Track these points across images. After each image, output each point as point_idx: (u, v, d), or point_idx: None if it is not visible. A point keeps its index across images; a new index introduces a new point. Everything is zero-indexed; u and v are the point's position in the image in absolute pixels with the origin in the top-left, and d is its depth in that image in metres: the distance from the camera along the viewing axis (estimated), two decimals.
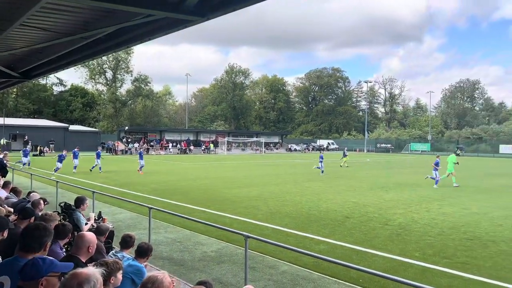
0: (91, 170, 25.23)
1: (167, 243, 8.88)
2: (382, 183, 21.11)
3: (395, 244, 8.88)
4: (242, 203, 14.04)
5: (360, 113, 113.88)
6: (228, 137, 66.91)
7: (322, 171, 26.05)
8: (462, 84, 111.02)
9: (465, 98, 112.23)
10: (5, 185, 9.05)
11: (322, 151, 34.99)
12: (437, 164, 20.80)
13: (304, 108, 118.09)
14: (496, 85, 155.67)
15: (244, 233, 5.70)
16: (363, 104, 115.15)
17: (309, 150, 75.63)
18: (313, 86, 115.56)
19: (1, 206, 5.81)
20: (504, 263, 7.56)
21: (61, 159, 24.02)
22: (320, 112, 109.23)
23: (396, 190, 18.32)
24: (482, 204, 14.65)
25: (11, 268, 2.86)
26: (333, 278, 6.66)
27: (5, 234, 4.03)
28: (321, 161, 26.31)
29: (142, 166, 25.38)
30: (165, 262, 7.52)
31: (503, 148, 69.78)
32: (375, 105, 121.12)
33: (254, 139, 70.80)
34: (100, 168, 25.38)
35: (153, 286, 2.74)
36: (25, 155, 27.44)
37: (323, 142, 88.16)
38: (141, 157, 26.09)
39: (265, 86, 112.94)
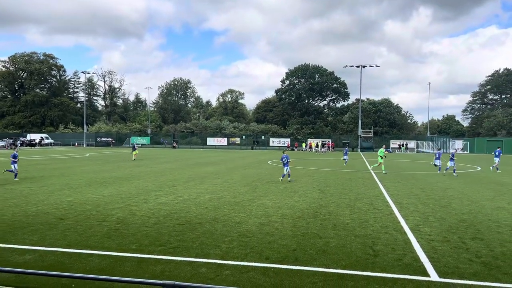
0: None
1: None
2: (102, 179, 20.55)
3: (113, 239, 8.73)
4: None
5: (79, 105, 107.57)
6: None
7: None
8: (176, 82, 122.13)
9: (180, 95, 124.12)
10: None
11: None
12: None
13: (9, 96, 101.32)
14: (204, 85, 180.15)
15: None
16: (81, 95, 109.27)
17: (16, 146, 65.26)
18: (21, 72, 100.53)
19: None
20: (208, 241, 8.68)
21: None
22: (30, 103, 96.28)
23: (116, 185, 18.21)
24: (192, 191, 16.46)
25: None
26: None
27: None
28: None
29: None
30: None
31: (210, 141, 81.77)
32: (95, 98, 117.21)
33: None
34: None
35: None
36: None
37: (35, 137, 78.32)
38: None
39: None
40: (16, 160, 20.21)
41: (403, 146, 70.34)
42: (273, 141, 79.42)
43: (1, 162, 30.19)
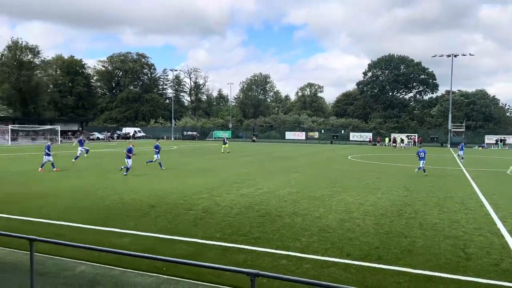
0: None
1: None
2: (188, 170, 21.74)
3: (199, 228, 9.24)
4: (31, 201, 12.20)
5: (167, 101, 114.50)
6: (13, 124, 57.16)
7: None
8: (256, 78, 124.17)
9: (259, 90, 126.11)
10: None
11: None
12: None
13: (108, 93, 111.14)
14: (283, 80, 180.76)
15: (29, 236, 4.91)
16: (170, 92, 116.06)
17: (113, 139, 71.71)
18: (117, 71, 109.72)
19: None
20: (288, 234, 8.78)
21: None
22: (125, 99, 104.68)
23: (201, 176, 19.15)
24: (272, 184, 16.71)
25: None
26: (136, 271, 6.44)
27: None
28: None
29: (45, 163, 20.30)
30: None
31: (288, 135, 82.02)
32: (181, 94, 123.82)
33: (48, 126, 62.58)
34: None
35: None
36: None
37: (129, 130, 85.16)
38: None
39: (60, 67, 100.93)
40: (130, 155, 19.81)
41: (500, 141, 63.96)
42: (354, 136, 77.13)
43: (103, 154, 33.27)
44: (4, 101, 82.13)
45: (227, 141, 40.35)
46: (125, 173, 19.15)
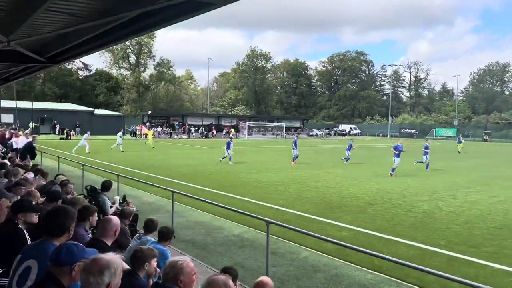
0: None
1: (189, 226, 8.98)
2: (406, 169, 20.68)
3: (419, 231, 8.71)
4: (264, 188, 14.05)
5: (384, 98, 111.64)
6: (249, 121, 66.80)
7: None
8: (491, 67, 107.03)
9: (495, 81, 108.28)
10: (33, 168, 9.30)
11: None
12: None
13: (326, 92, 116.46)
14: None
15: (266, 218, 5.70)
16: (387, 88, 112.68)
17: (330, 135, 74.88)
18: (336, 70, 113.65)
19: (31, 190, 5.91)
20: None
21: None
22: (342, 97, 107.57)
23: (421, 177, 17.96)
24: (511, 192, 14.18)
25: (38, 251, 2.85)
26: (356, 265, 6.60)
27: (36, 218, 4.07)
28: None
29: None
30: (188, 245, 7.61)
31: None
32: (400, 89, 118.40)
33: (275, 124, 70.45)
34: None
35: (172, 271, 2.69)
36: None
37: (346, 127, 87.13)
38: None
39: (286, 70, 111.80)
40: (397, 152, 19.43)
41: None
42: None
43: (335, 150, 35.16)
44: (243, 102, 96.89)
45: (463, 140, 37.49)
46: (391, 172, 18.30)
